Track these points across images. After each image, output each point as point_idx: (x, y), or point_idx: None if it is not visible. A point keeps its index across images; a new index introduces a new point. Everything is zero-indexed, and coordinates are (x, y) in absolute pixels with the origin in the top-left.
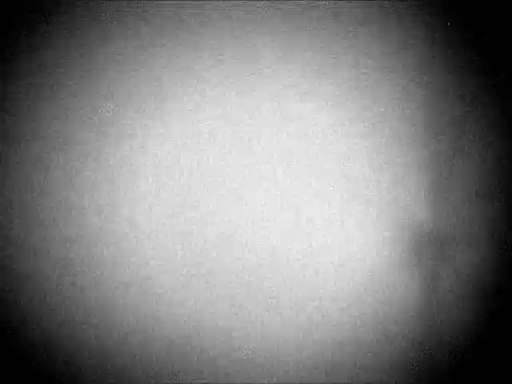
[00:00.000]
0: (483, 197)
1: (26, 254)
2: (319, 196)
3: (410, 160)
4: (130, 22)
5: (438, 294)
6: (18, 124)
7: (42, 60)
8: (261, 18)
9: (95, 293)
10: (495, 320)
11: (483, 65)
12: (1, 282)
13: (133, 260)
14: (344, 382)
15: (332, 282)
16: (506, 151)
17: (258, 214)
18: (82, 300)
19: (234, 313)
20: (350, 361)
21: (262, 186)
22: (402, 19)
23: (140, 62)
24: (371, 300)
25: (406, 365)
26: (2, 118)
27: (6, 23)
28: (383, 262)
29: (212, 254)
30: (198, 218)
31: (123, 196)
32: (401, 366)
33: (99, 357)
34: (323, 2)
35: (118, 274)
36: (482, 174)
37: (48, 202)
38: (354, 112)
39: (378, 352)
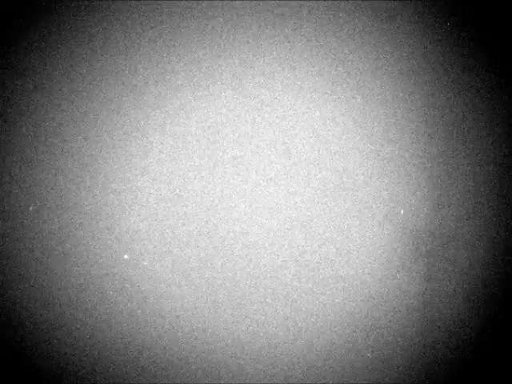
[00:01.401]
0: (483, 197)
1: (26, 254)
2: (318, 197)
3: (410, 160)
4: (131, 21)
5: (438, 294)
6: (18, 124)
7: (41, 60)
8: (261, 16)
9: (94, 292)
10: (495, 320)
11: (483, 65)
12: (1, 281)
13: (132, 260)
14: (344, 381)
15: (331, 282)
16: (506, 151)
17: (257, 215)
18: (81, 300)
19: (236, 314)
20: (348, 361)
21: (261, 187)
22: (401, 19)
23: (140, 61)
24: (371, 300)
25: (406, 364)
26: (2, 117)
27: (5, 23)
28: (383, 261)
29: (212, 254)
30: (199, 219)
31: (123, 196)
32: (401, 366)
33: (98, 357)
34: (323, 2)
35: (117, 274)
36: (482, 174)
37: (47, 202)
38: (354, 113)
39: (378, 352)
